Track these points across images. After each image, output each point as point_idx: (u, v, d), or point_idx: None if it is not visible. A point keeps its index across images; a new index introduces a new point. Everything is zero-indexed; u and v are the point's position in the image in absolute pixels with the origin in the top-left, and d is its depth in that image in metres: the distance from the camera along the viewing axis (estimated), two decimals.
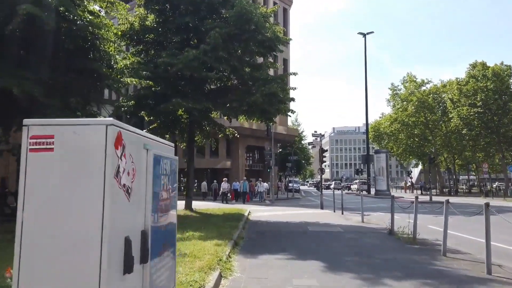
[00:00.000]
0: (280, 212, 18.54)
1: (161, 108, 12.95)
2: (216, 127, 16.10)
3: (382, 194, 39.34)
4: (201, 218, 12.87)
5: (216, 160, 40.58)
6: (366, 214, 18.47)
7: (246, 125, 39.81)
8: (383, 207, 24.35)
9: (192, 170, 15.58)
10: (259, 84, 14.20)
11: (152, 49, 15.16)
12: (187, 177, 15.80)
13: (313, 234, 10.55)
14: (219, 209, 17.07)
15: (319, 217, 15.91)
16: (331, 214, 17.48)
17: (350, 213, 18.45)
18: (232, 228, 10.08)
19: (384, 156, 41.53)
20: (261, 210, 19.73)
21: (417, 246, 8.73)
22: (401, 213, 19.67)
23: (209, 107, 13.31)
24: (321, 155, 21.73)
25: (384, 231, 11.40)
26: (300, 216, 15.96)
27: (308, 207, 23.17)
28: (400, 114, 50.24)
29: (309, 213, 18.21)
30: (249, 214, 16.03)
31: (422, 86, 50.44)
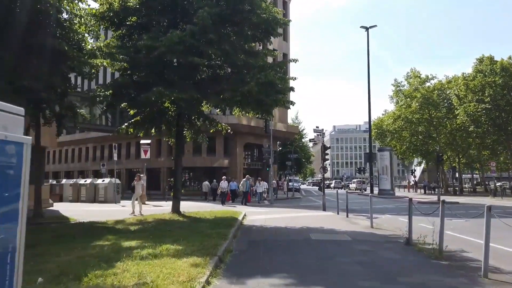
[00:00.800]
0: (278, 215, 16.90)
1: (141, 98, 11.30)
2: (207, 121, 14.44)
3: (385, 193, 37.75)
4: (187, 224, 11.23)
5: (213, 158, 38.93)
6: (374, 217, 16.88)
7: (244, 121, 38.17)
8: (390, 208, 22.71)
9: (179, 168, 13.94)
10: (255, 71, 12.56)
11: (135, 34, 13.48)
12: (174, 176, 14.16)
13: (316, 244, 8.90)
14: (211, 211, 15.42)
15: (322, 221, 14.27)
16: (335, 217, 15.84)
17: (356, 216, 16.81)
18: (220, 238, 8.44)
19: (387, 154, 39.90)
20: (258, 212, 18.10)
21: (446, 262, 7.07)
22: (408, 215, 18.08)
23: (197, 97, 11.65)
24: (324, 153, 20.09)
25: (399, 239, 9.75)
26: (301, 220, 14.32)
27: (309, 209, 21.54)
28: (403, 111, 48.57)
29: (311, 216, 16.57)
30: (243, 218, 14.39)
31: (427, 82, 48.77)
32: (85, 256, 6.29)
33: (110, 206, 22.64)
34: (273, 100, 12.69)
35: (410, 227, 9.12)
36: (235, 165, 38.65)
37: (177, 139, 14.00)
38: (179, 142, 13.97)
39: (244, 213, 15.84)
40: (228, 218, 12.77)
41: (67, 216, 15.54)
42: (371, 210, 12.79)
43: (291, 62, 13.32)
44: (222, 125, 15.06)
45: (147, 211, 16.74)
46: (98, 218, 14.26)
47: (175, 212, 13.45)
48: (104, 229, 10.32)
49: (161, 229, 9.85)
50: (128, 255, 6.22)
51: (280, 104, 13.26)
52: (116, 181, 26.29)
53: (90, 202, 26.17)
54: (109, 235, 8.79)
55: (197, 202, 27.05)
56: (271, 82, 12.57)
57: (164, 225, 10.85)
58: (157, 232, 9.17)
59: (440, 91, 47.95)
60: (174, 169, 14.05)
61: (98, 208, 21.52)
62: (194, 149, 39.40)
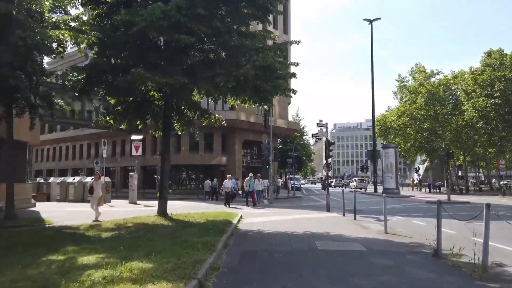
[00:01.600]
0: (279, 216, 15.27)
1: (118, 82, 9.66)
2: (199, 112, 12.79)
3: (390, 192, 36.04)
4: (171, 229, 9.61)
5: (210, 156, 37.32)
6: (383, 219, 15.25)
7: (243, 117, 36.53)
8: (399, 209, 21.07)
9: (166, 165, 12.30)
10: (251, 54, 10.93)
11: (116, 12, 11.82)
12: (160, 174, 12.52)
13: (325, 257, 7.27)
14: (204, 213, 13.80)
15: (328, 224, 12.65)
16: (341, 220, 14.22)
17: (364, 218, 15.20)
18: (206, 249, 6.83)
19: (392, 151, 38.24)
20: (256, 213, 16.47)
21: (496, 285, 5.43)
22: (422, 217, 16.48)
23: (184, 82, 10.01)
24: (328, 148, 18.44)
25: (423, 249, 8.13)
26: (304, 224, 12.70)
27: (311, 209, 19.92)
28: (408, 107, 46.94)
29: (315, 218, 14.94)
30: (239, 221, 12.77)
31: (432, 77, 47.12)
32: (18, 280, 4.68)
33: None
34: (273, 86, 11.03)
35: (439, 235, 7.47)
36: (233, 162, 37.05)
37: (164, 132, 12.36)
38: (166, 135, 12.32)
39: (240, 215, 14.22)
40: (221, 222, 11.15)
41: (43, 218, 13.96)
42: (385, 212, 11.13)
43: (293, 44, 11.65)
44: (216, 117, 13.42)
45: (134, 212, 15.14)
46: (77, 220, 12.70)
47: (161, 215, 11.82)
48: (71, 236, 8.71)
49: (138, 237, 8.23)
50: (75, 279, 4.62)
51: (281, 92, 11.61)
52: (106, 179, 24.64)
53: (78, 202, 24.57)
54: (71, 246, 7.17)
55: (194, 202, 25.45)
56: (270, 66, 10.92)
57: (144, 231, 9.23)
58: (131, 242, 7.55)
59: (446, 87, 46.28)
60: (161, 165, 12.42)
61: (84, 208, 19.90)
62: (191, 146, 37.80)
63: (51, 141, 54.79)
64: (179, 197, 32.08)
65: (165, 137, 12.35)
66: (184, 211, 17.31)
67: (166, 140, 12.36)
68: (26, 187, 20.10)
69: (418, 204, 24.86)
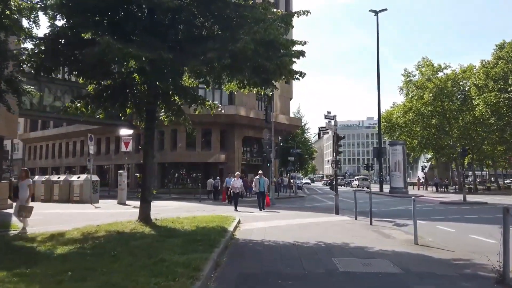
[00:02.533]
0: (282, 220, 13.29)
1: (84, 55, 7.68)
2: (189, 97, 10.81)
3: (398, 192, 34.16)
4: (150, 241, 7.64)
5: (208, 153, 35.33)
6: (402, 224, 13.29)
7: (243, 112, 34.52)
8: (417, 210, 19.02)
9: (150, 161, 10.30)
10: (251, 26, 8.96)
11: None
12: (143, 171, 10.53)
13: (351, 285, 5.31)
14: (195, 218, 11.83)
15: (342, 231, 10.69)
16: (355, 225, 12.24)
17: (380, 222, 13.23)
18: (188, 276, 4.87)
19: (400, 148, 36.27)
20: (257, 217, 14.49)
21: None
22: (445, 221, 14.45)
23: (169, 58, 8.04)
24: (336, 143, 16.45)
25: (476, 269, 6.16)
26: (314, 230, 10.74)
27: (318, 211, 17.95)
28: (415, 102, 44.95)
29: (324, 222, 12.96)
30: (236, 227, 10.80)
31: (440, 72, 45.10)
32: None
33: (81, 208, 19.09)
34: (276, 65, 9.03)
35: (507, 254, 5.47)
36: (232, 160, 35.07)
37: (147, 121, 10.38)
38: (149, 125, 10.33)
39: (238, 219, 12.25)
40: (214, 230, 9.18)
41: (11, 222, 12.02)
42: (415, 218, 9.10)
43: (301, 15, 9.65)
44: (211, 103, 11.42)
45: (118, 215, 13.19)
46: (50, 225, 10.84)
47: (143, 221, 9.84)
48: (17, 251, 6.74)
49: (102, 254, 6.26)
50: None
51: (285, 73, 9.61)
52: (93, 178, 22.71)
53: (64, 202, 22.62)
54: (2, 270, 5.20)
55: (190, 203, 23.51)
56: (273, 41, 8.96)
57: (114, 243, 7.27)
58: (88, 263, 5.58)
59: (454, 82, 44.29)
60: (143, 161, 10.43)
61: (65, 210, 17.96)
62: (187, 143, 35.83)
63: (45, 138, 52.87)
64: (175, 197, 30.15)
65: (149, 128, 10.35)
66: (174, 214, 15.36)
67: (150, 132, 10.36)
68: (0, 186, 18.17)
69: (432, 205, 22.88)
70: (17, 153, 60.50)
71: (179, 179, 38.01)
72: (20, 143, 59.07)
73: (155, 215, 14.41)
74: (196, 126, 35.60)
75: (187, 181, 37.63)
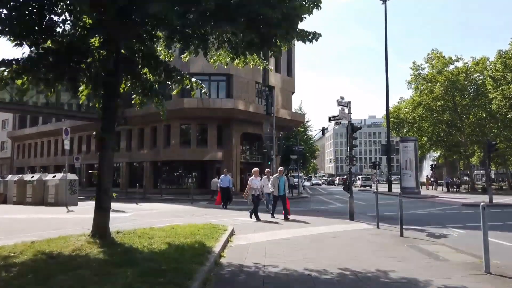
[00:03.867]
0: (288, 230, 10.55)
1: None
2: (163, 70, 8.05)
3: (410, 192, 31.32)
4: (89, 271, 4.93)
5: (204, 150, 32.54)
6: (439, 234, 10.54)
7: (241, 106, 31.70)
8: (440, 215, 16.24)
9: (108, 154, 7.51)
10: None
11: None
12: (99, 167, 7.74)
13: None
14: (174, 228, 9.09)
15: (369, 247, 7.95)
16: (383, 237, 9.48)
17: (409, 231, 10.48)
18: None
19: (412, 145, 33.45)
20: (256, 226, 11.72)
21: None
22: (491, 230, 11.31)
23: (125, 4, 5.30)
24: (351, 135, 13.70)
25: None
26: (331, 246, 8.01)
27: (327, 215, 15.20)
28: (424, 97, 42.27)
29: (342, 232, 10.20)
30: (227, 242, 8.05)
31: (450, 65, 42.38)
32: None
33: (51, 212, 16.33)
34: (282, 16, 6.27)
35: None
36: (230, 158, 32.31)
37: (106, 98, 7.64)
38: (107, 104, 7.57)
39: (230, 230, 9.51)
40: (194, 250, 6.44)
41: None
42: (485, 234, 6.27)
43: None
44: (193, 82, 8.65)
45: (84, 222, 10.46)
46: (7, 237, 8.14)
47: (97, 235, 7.08)
48: None
49: None
50: None
51: (293, 29, 6.84)
52: (71, 177, 19.99)
53: (37, 205, 19.91)
54: None
55: (181, 205, 20.71)
56: None
57: (31, 277, 4.55)
58: None
59: (466, 75, 41.60)
60: (99, 156, 7.64)
61: (30, 215, 15.19)
62: (181, 140, 33.07)
63: (33, 136, 50.13)
64: (167, 198, 27.43)
65: (108, 107, 7.60)
66: (156, 220, 12.64)
67: (109, 114, 7.60)
68: None
69: (456, 207, 20.14)
70: (6, 152, 57.77)
71: (172, 178, 35.24)
72: (9, 141, 56.35)
73: (131, 222, 11.72)
74: (191, 121, 32.89)
75: (181, 181, 34.84)
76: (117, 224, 11.60)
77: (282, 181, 13.53)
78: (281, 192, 13.46)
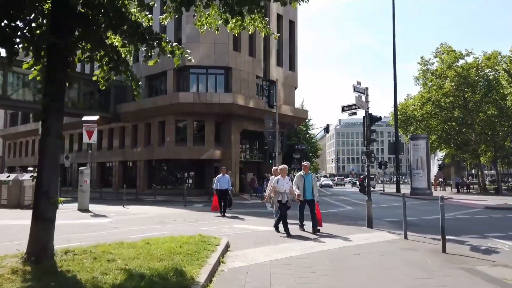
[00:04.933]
0: (297, 245, 8.42)
1: None
2: (126, 27, 5.97)
3: (421, 193, 29.24)
4: None
5: (201, 148, 30.39)
6: (486, 248, 8.43)
7: (241, 101, 29.56)
8: (469, 221, 14.09)
9: (52, 144, 5.44)
10: None
11: None
12: (39, 163, 5.59)
13: None
14: (148, 244, 6.97)
15: (408, 272, 5.84)
16: (418, 254, 7.36)
17: (450, 244, 8.34)
18: None
19: (423, 143, 31.32)
20: (254, 237, 9.59)
21: None
22: None
23: None
24: (369, 128, 11.58)
25: None
26: (355, 269, 5.92)
27: (339, 221, 13.07)
28: (434, 93, 40.11)
29: (364, 246, 8.08)
30: (218, 264, 5.94)
31: (460, 59, 40.26)
32: None
33: (22, 217, 14.15)
34: None
35: None
36: (229, 156, 30.19)
37: (51, 67, 5.56)
38: (54, 75, 5.50)
39: (224, 244, 7.39)
40: (164, 286, 4.33)
41: None
42: None
43: None
44: (175, 47, 6.53)
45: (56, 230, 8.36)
46: None
47: (32, 258, 4.98)
48: None
49: None
50: None
51: None
52: None
53: (13, 208, 17.86)
54: None
55: (174, 209, 18.59)
56: None
57: None
58: None
59: (478, 70, 39.50)
60: (40, 143, 5.56)
61: (5, 221, 13.11)
62: (177, 137, 30.92)
63: (24, 134, 48.00)
64: (161, 199, 25.32)
65: (52, 81, 5.52)
66: (136, 228, 10.55)
67: (54, 91, 5.50)
68: None
69: (479, 211, 18.03)
70: None
71: (167, 178, 33.12)
72: (0, 140, 54.31)
73: (105, 231, 9.60)
74: (187, 117, 30.76)
75: (176, 181, 32.72)
76: (87, 234, 9.54)
77: (308, 181, 10.03)
78: (309, 195, 9.96)
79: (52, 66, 5.58)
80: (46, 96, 5.46)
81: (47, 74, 5.59)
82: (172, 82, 30.68)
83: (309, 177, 10.15)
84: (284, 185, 9.71)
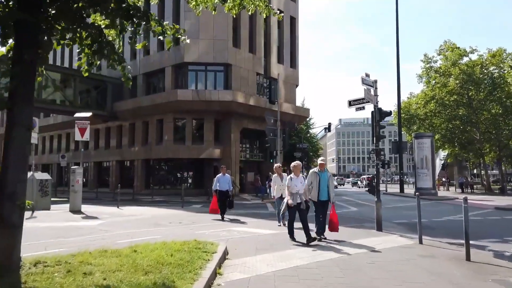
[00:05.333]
0: (303, 251, 7.61)
1: None
2: (115, 5, 5.18)
3: (426, 193, 28.34)
4: None
5: (200, 147, 29.56)
6: None
7: (241, 99, 28.75)
8: (482, 222, 13.32)
9: (18, 135, 4.65)
10: None
11: None
12: (3, 156, 4.77)
13: None
14: (135, 252, 6.15)
15: (430, 281, 5.05)
16: (438, 262, 6.57)
17: (480, 253, 7.53)
18: None
19: (428, 142, 30.56)
20: (256, 241, 8.76)
21: None
22: None
23: None
24: (378, 123, 10.78)
25: None
26: (373, 283, 5.11)
27: (345, 224, 12.07)
28: (438, 91, 39.33)
29: (380, 254, 7.29)
30: (213, 279, 5.12)
31: (465, 57, 39.49)
32: None
33: None
34: None
35: None
36: (228, 155, 29.37)
37: (19, 46, 4.77)
38: (21, 55, 4.71)
39: (222, 251, 6.59)
40: None
41: None
42: None
43: None
44: (164, 24, 5.73)
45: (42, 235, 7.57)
46: None
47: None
48: None
49: None
50: None
51: None
52: (42, 176, 17.12)
53: None
54: None
55: (171, 209, 17.78)
56: None
57: None
58: None
59: (483, 67, 38.74)
60: (5, 134, 4.76)
61: None
62: (175, 136, 30.10)
63: None
64: (159, 200, 24.50)
65: (20, 62, 4.73)
66: (127, 231, 9.76)
67: (22, 73, 4.72)
68: None
69: (491, 212, 17.24)
70: None
71: (166, 178, 32.30)
72: None
73: (91, 236, 8.80)
74: (186, 116, 29.92)
75: (174, 180, 31.89)
76: (71, 239, 8.76)
77: (324, 179, 8.68)
78: (323, 196, 8.64)
79: (19, 45, 4.78)
80: (13, 79, 4.66)
81: (14, 54, 4.79)
82: (170, 79, 29.87)
83: (325, 175, 8.76)
84: (297, 185, 8.33)
